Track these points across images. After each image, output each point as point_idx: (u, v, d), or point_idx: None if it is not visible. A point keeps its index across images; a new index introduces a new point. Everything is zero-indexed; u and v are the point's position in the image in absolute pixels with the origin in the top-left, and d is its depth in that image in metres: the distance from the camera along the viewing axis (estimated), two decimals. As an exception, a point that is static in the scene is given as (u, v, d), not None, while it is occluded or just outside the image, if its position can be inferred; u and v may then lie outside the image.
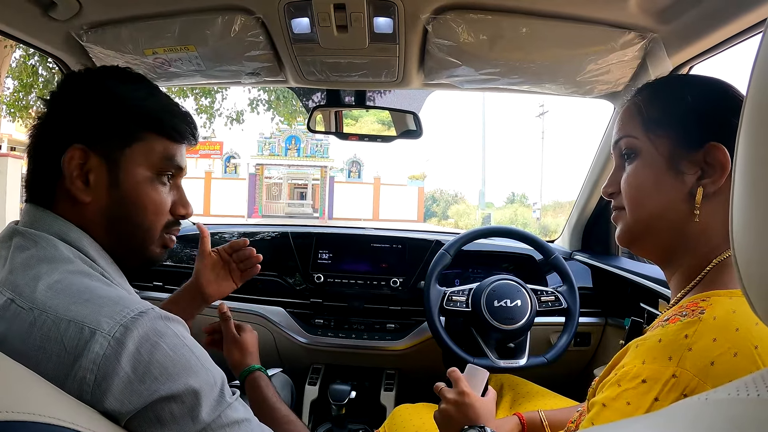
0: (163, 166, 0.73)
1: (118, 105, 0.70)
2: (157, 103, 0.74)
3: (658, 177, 0.67)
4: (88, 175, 0.68)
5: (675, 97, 0.69)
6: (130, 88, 0.72)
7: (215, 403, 0.60)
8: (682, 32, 1.05)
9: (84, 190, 0.67)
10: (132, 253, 0.74)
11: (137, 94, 0.72)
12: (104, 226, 0.70)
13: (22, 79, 7.42)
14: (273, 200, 25.82)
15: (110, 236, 0.70)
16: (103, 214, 0.69)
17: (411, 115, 1.50)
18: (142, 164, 0.71)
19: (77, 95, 0.70)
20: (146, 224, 0.73)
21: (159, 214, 0.74)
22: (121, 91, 0.71)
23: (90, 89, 0.70)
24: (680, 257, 0.68)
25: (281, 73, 1.32)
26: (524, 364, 1.39)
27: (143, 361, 0.55)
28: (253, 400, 0.92)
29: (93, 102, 0.69)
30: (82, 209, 0.68)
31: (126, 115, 0.70)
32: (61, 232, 0.66)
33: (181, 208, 0.78)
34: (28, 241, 0.63)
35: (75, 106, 0.69)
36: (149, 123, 0.71)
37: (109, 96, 0.70)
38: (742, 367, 0.51)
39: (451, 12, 1.04)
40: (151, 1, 1.07)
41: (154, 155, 0.72)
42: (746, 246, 0.27)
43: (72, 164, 0.66)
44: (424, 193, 28.78)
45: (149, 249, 0.75)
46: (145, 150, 0.71)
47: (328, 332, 1.70)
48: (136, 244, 0.74)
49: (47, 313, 0.55)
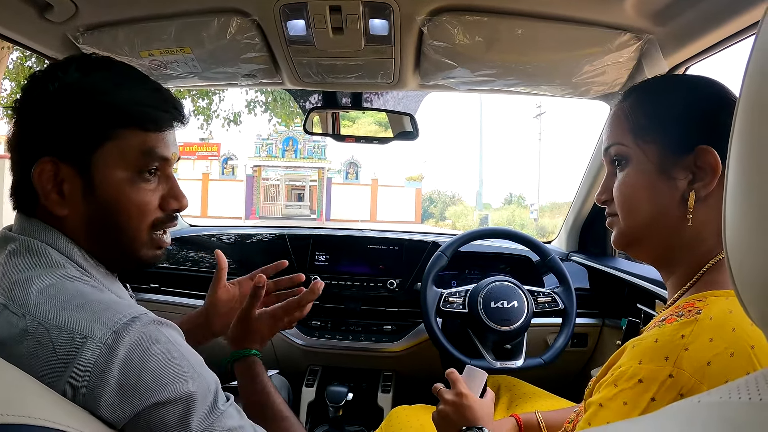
0: (143, 161, 0.66)
1: (80, 104, 0.63)
2: (126, 94, 0.65)
3: (650, 184, 0.67)
4: (62, 186, 0.63)
5: (661, 101, 0.69)
6: (94, 80, 0.64)
7: (208, 412, 0.59)
8: (678, 33, 1.05)
9: (60, 203, 0.63)
10: (123, 257, 0.70)
11: (102, 86, 0.64)
12: (87, 236, 0.66)
13: (19, 81, 7.38)
14: (270, 202, 25.79)
15: (96, 244, 0.66)
16: (83, 223, 0.65)
17: (407, 116, 1.51)
18: (116, 165, 0.64)
19: (39, 100, 0.64)
20: (131, 228, 0.67)
21: (143, 216, 0.68)
22: (84, 86, 0.63)
23: (50, 91, 0.63)
24: (676, 259, 0.68)
25: (277, 75, 1.32)
26: (521, 366, 1.39)
27: (135, 368, 0.54)
28: (248, 387, 0.85)
29: (54, 106, 0.62)
30: (63, 221, 0.64)
31: (90, 114, 0.63)
32: (49, 239, 0.63)
33: (173, 202, 0.71)
34: (21, 247, 0.62)
35: (37, 113, 0.63)
36: (117, 119, 0.64)
37: (70, 95, 0.63)
38: (738, 367, 0.51)
39: (446, 14, 1.04)
40: (147, 3, 1.07)
41: (130, 152, 0.65)
42: (739, 248, 0.27)
43: (43, 178, 0.62)
44: (422, 194, 28.80)
45: (140, 252, 0.70)
46: (117, 149, 0.64)
47: (325, 334, 1.70)
48: (124, 249, 0.69)
49: (39, 319, 0.54)
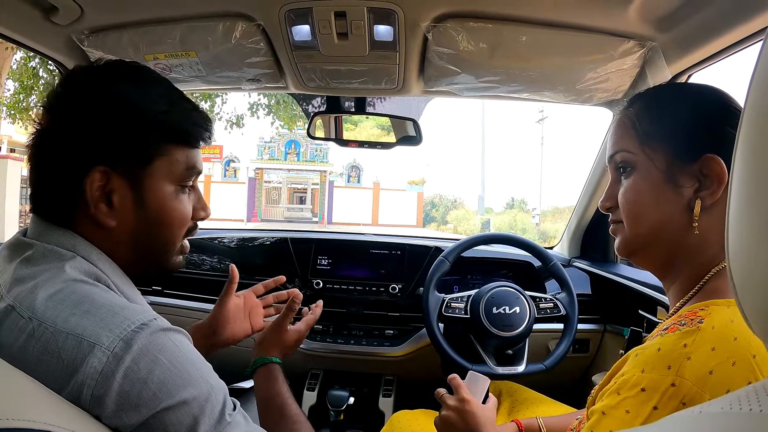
0: (186, 175, 0.70)
1: (138, 120, 0.65)
2: (178, 112, 0.69)
3: (656, 191, 0.67)
4: (111, 197, 0.64)
5: (668, 108, 0.69)
6: (150, 98, 0.66)
7: (216, 421, 0.59)
8: (681, 41, 1.05)
9: (108, 213, 0.64)
10: (152, 266, 0.72)
11: (157, 105, 0.66)
12: (130, 247, 0.67)
13: (22, 81, 7.43)
14: (272, 204, 25.79)
15: (134, 254, 0.68)
16: (129, 235, 0.67)
17: (411, 121, 1.51)
18: (165, 178, 0.68)
19: (88, 105, 0.63)
20: (171, 238, 0.71)
21: (183, 226, 0.72)
22: (139, 101, 0.65)
23: (103, 99, 0.64)
24: (679, 268, 0.68)
25: (281, 80, 1.33)
26: (523, 371, 1.39)
27: (141, 376, 0.53)
28: (262, 391, 0.88)
29: (110, 116, 0.63)
30: (108, 232, 0.65)
31: (147, 130, 0.65)
32: (69, 245, 0.63)
33: (201, 212, 0.76)
34: (33, 252, 0.62)
35: (89, 121, 0.63)
36: (172, 136, 0.67)
37: (128, 110, 0.64)
38: (740, 377, 0.51)
39: (451, 20, 1.04)
40: (152, 6, 1.07)
41: (178, 167, 0.68)
42: (741, 257, 0.27)
43: (94, 187, 0.62)
44: (424, 198, 28.76)
45: (171, 260, 0.73)
46: (168, 163, 0.67)
47: (327, 338, 1.70)
48: (158, 257, 0.72)
49: (46, 324, 0.54)
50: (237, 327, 1.05)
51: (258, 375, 0.91)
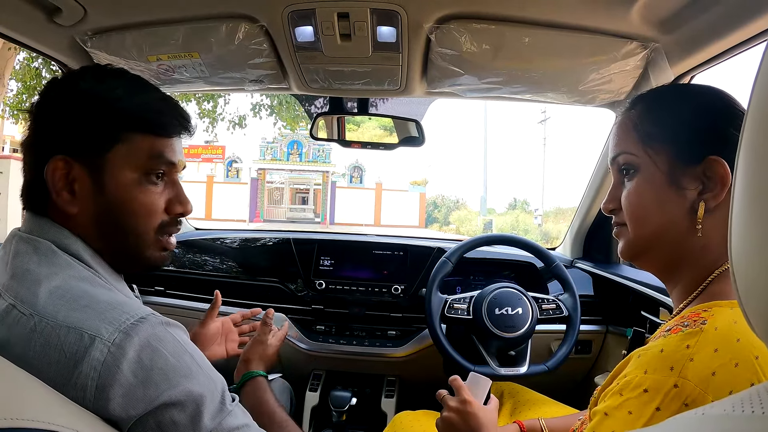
0: (151, 164, 0.69)
1: (94, 108, 0.66)
2: (137, 100, 0.69)
3: (660, 193, 0.67)
4: (73, 185, 0.66)
5: (670, 110, 0.69)
6: (108, 87, 0.68)
7: (216, 411, 0.60)
8: (684, 42, 1.05)
9: (70, 201, 0.66)
10: (129, 258, 0.72)
11: (115, 93, 0.68)
12: (96, 234, 0.68)
13: (25, 82, 7.44)
14: (275, 205, 25.84)
15: (103, 243, 0.68)
16: (92, 222, 0.67)
17: (413, 122, 1.51)
18: (126, 166, 0.67)
19: (55, 103, 0.67)
20: (138, 228, 0.70)
21: (150, 217, 0.71)
22: (98, 92, 0.67)
23: (66, 95, 0.67)
24: (682, 270, 0.68)
25: (284, 81, 1.33)
26: (525, 372, 1.39)
27: (144, 367, 0.55)
28: (251, 401, 0.91)
29: (69, 109, 0.66)
30: (73, 219, 0.67)
31: (103, 117, 0.66)
32: (56, 238, 0.65)
33: (178, 206, 0.74)
34: (29, 247, 0.63)
35: (53, 115, 0.67)
36: (129, 122, 0.68)
37: (85, 100, 0.66)
38: (743, 378, 0.51)
39: (454, 21, 1.04)
40: (155, 8, 1.07)
41: (139, 155, 0.68)
42: (744, 259, 0.27)
43: (55, 176, 0.65)
44: (426, 198, 28.76)
45: (146, 253, 0.72)
46: (128, 151, 0.67)
47: (330, 338, 1.70)
48: (131, 249, 0.71)
49: (47, 320, 0.55)
50: (214, 349, 1.12)
51: (246, 387, 0.96)
